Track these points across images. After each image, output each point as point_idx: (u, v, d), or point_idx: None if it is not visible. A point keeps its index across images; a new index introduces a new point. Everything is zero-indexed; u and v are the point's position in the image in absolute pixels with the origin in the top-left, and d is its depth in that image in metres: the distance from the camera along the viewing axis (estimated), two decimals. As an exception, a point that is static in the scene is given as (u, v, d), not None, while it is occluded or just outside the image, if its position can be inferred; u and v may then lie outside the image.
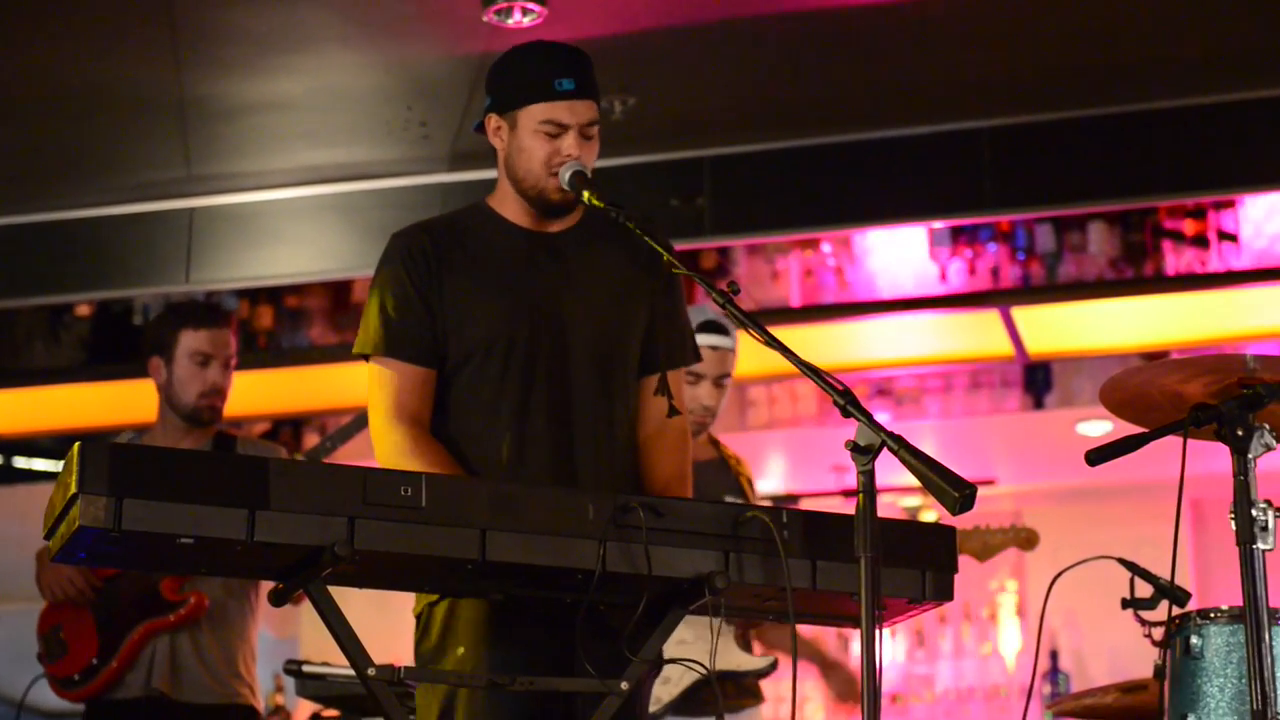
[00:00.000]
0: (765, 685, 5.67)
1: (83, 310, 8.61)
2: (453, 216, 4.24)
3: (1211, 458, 4.17)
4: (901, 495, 8.69)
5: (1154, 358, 7.46)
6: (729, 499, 5.32)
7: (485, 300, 4.07)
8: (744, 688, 5.56)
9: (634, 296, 4.18)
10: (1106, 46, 6.63)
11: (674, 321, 4.25)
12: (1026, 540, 5.94)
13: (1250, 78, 6.82)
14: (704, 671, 4.96)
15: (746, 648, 5.39)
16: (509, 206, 4.15)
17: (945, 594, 3.94)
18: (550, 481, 3.97)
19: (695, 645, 5.20)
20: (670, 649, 4.45)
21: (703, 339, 5.37)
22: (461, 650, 3.92)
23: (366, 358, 4.13)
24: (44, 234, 7.77)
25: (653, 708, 5.30)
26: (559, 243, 4.16)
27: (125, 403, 8.15)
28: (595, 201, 3.98)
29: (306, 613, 4.35)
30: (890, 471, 3.66)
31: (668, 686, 5.28)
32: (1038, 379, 8.46)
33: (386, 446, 4.02)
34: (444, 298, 4.06)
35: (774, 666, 5.44)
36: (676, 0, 6.23)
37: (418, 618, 4.04)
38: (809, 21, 6.35)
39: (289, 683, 6.71)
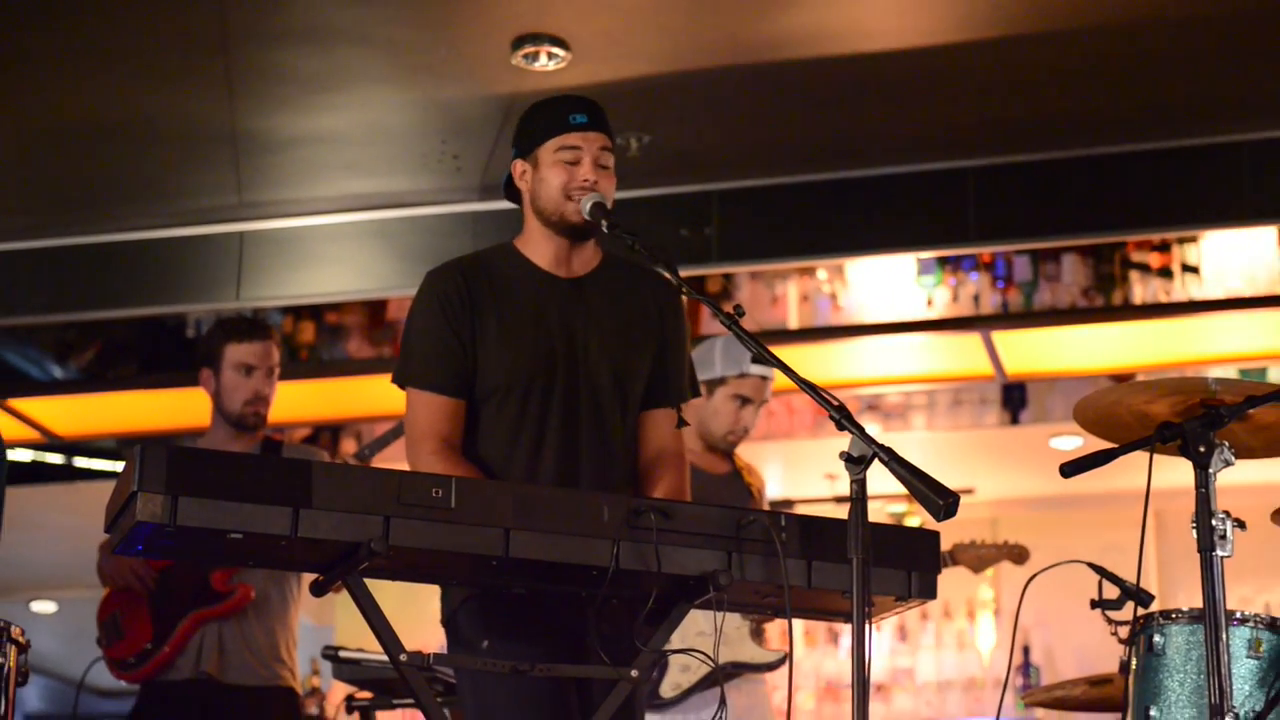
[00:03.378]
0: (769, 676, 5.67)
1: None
2: (483, 257, 4.21)
3: (1174, 471, 4.17)
4: (889, 502, 8.69)
5: (1122, 379, 7.45)
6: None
7: (507, 346, 4.06)
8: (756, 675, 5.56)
9: (645, 340, 4.19)
10: (1081, 95, 6.64)
11: (680, 362, 4.26)
12: (1018, 555, 5.94)
13: (1211, 125, 6.82)
14: (712, 663, 4.98)
15: (760, 641, 5.38)
16: (533, 249, 4.15)
17: (929, 593, 3.94)
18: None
19: (712, 638, 5.20)
20: (690, 640, 4.47)
21: (755, 370, 5.39)
22: (486, 644, 3.93)
23: (403, 384, 4.12)
24: (107, 254, 7.77)
25: (673, 693, 5.31)
26: (577, 287, 4.15)
27: (178, 409, 8.16)
28: (612, 229, 4.01)
29: (343, 602, 4.35)
30: (879, 480, 3.66)
31: (688, 674, 5.29)
32: (1015, 397, 8.46)
33: (421, 466, 4.02)
34: (473, 338, 4.07)
35: (783, 660, 5.43)
36: (689, 48, 6.25)
37: (446, 622, 4.06)
38: (808, 68, 6.36)
39: (325, 667, 6.72)
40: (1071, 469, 4.13)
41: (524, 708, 3.87)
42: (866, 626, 3.56)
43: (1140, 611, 4.56)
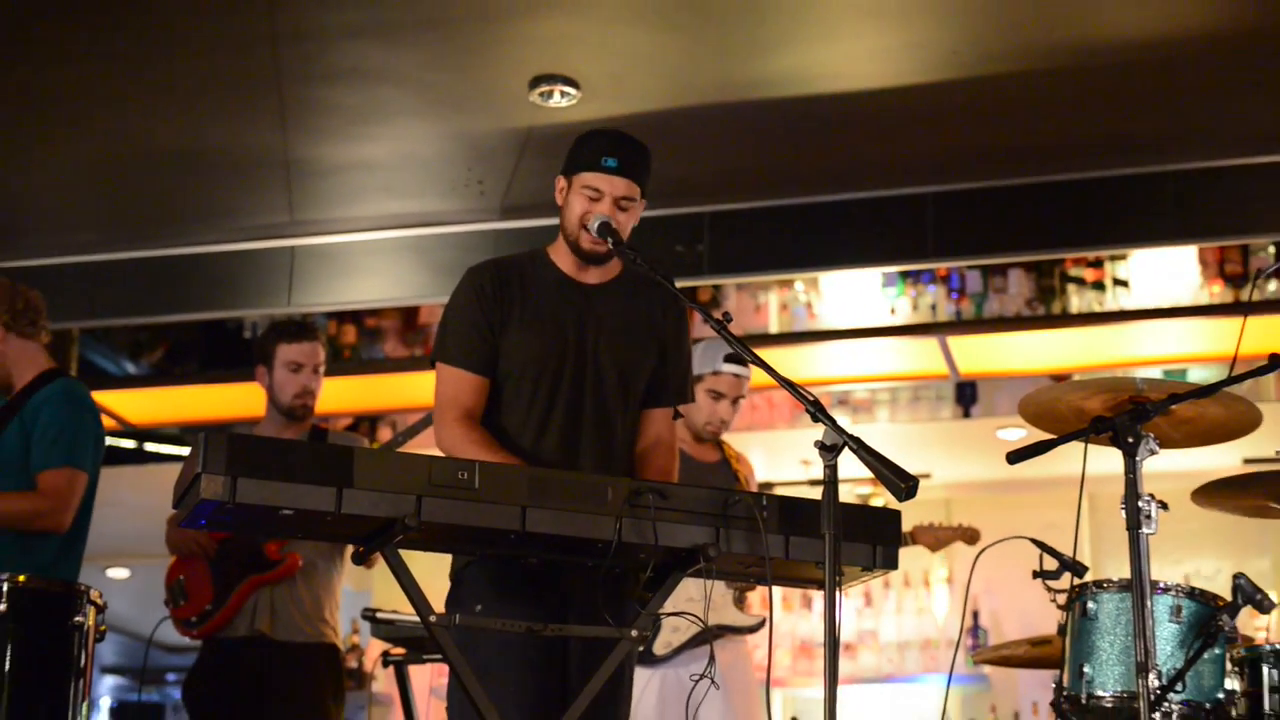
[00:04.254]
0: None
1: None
2: (517, 259, 4.23)
3: (1106, 459, 4.17)
4: (857, 485, 8.67)
5: (1061, 379, 7.45)
6: None
7: (527, 336, 4.08)
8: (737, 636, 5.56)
9: (649, 344, 4.19)
10: (1025, 130, 6.63)
11: (678, 368, 4.26)
12: (970, 536, 5.93)
13: (1139, 157, 6.82)
14: (702, 624, 4.99)
15: (742, 607, 5.38)
16: (561, 257, 4.17)
17: (891, 564, 3.94)
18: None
19: (700, 603, 5.20)
20: (681, 605, 4.47)
21: (728, 368, 5.37)
22: (480, 607, 3.92)
23: (435, 363, 4.12)
24: (174, 265, 7.78)
25: (663, 650, 5.30)
26: (594, 292, 4.16)
27: (236, 401, 8.16)
28: (616, 245, 4.02)
29: (380, 570, 4.35)
30: (849, 465, 3.65)
31: (678, 634, 5.28)
32: (966, 394, 8.45)
33: (444, 432, 4.05)
34: (499, 325, 4.08)
35: (762, 624, 5.42)
36: (685, 87, 6.25)
37: (455, 576, 4.05)
38: (788, 106, 6.36)
39: (364, 626, 6.72)
40: (1016, 457, 4.13)
41: (523, 660, 3.88)
42: (836, 593, 3.56)
43: (1076, 581, 4.56)
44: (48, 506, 4.93)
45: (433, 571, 3.85)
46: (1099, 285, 7.79)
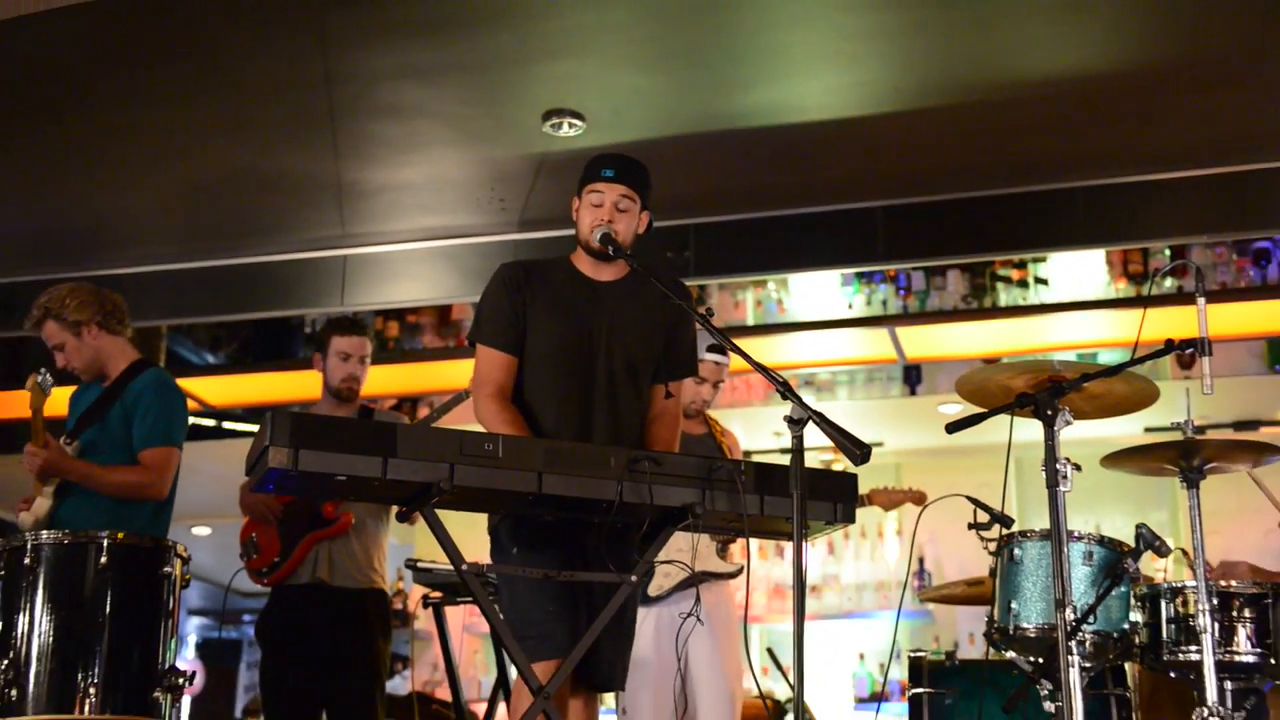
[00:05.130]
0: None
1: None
2: (542, 260, 4.26)
3: (1029, 429, 4.17)
4: (820, 453, 8.67)
5: (991, 362, 7.44)
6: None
7: (548, 323, 4.08)
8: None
9: (654, 333, 4.18)
10: (961, 153, 6.63)
11: (681, 348, 4.25)
12: (919, 498, 5.92)
13: (1055, 175, 6.82)
14: (689, 571, 5.00)
15: (724, 557, 5.38)
16: (580, 261, 4.19)
17: (849, 518, 3.94)
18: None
19: (689, 553, 5.21)
20: (672, 554, 4.47)
21: (709, 356, 5.36)
22: (515, 550, 3.93)
23: (473, 343, 4.13)
24: (245, 272, 7.77)
25: (656, 592, 5.29)
26: (605, 288, 4.16)
27: (298, 385, 8.16)
28: (616, 251, 4.05)
29: (420, 526, 4.36)
30: (813, 436, 3.65)
31: (669, 579, 5.27)
32: (912, 375, 8.42)
33: (480, 405, 4.06)
34: (526, 313, 4.09)
35: (741, 571, 5.40)
36: (675, 119, 6.24)
37: (491, 532, 4.05)
38: (762, 134, 6.36)
39: (407, 574, 6.71)
40: (954, 427, 4.13)
41: (542, 601, 3.88)
42: (804, 544, 3.57)
43: (1004, 532, 4.57)
44: (150, 479, 4.97)
45: (464, 527, 3.85)
46: (1023, 283, 7.78)
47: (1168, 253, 7.65)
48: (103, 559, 4.23)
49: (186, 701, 8.60)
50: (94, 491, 4.97)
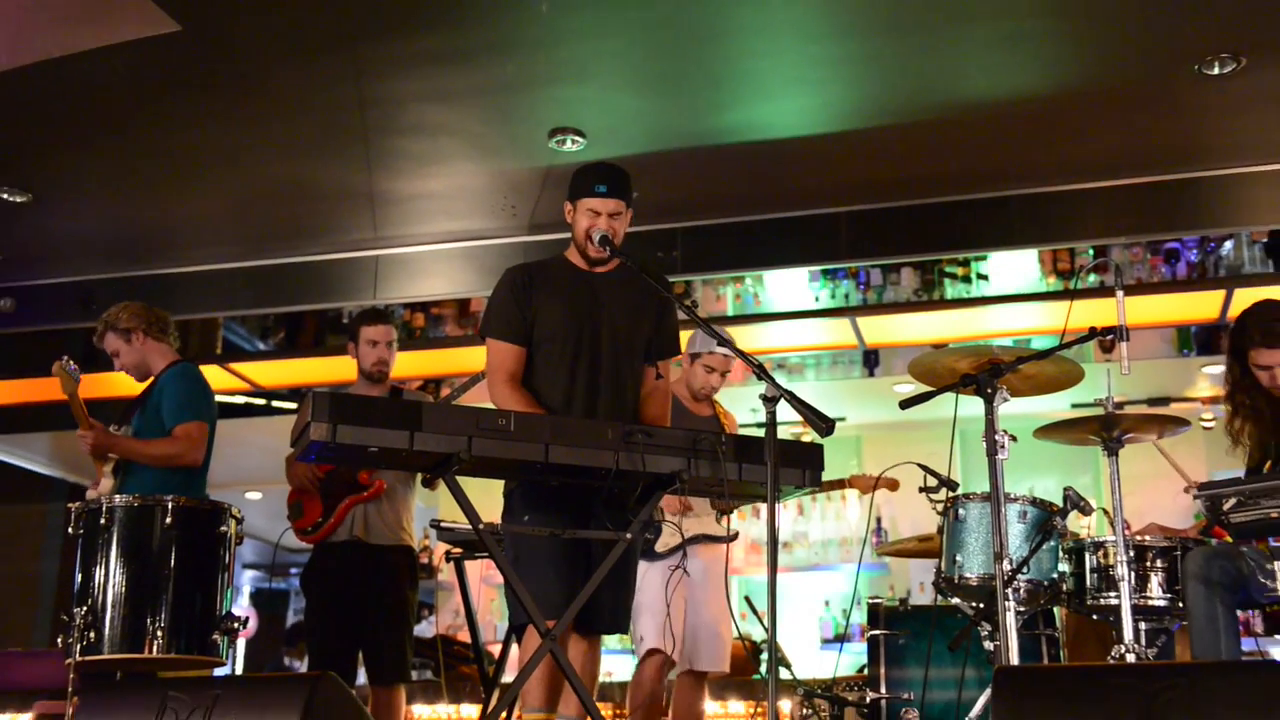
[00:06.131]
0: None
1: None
2: (544, 260, 4.26)
3: (972, 405, 4.18)
4: (791, 427, 8.68)
5: (939, 347, 7.42)
6: None
7: (552, 313, 4.08)
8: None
9: (643, 319, 4.17)
10: (912, 165, 6.61)
11: (667, 332, 4.24)
12: (892, 485, 5.89)
13: (993, 184, 6.82)
14: (684, 535, 5.00)
15: (719, 522, 5.38)
16: (573, 257, 4.18)
17: (816, 483, 3.94)
18: (583, 417, 3.98)
19: (702, 518, 5.25)
20: (690, 523, 4.43)
21: (719, 350, 5.36)
22: (527, 517, 3.93)
23: (485, 338, 4.12)
24: (290, 270, 7.75)
25: (663, 549, 5.28)
26: (600, 281, 4.16)
27: (335, 369, 8.14)
28: (612, 251, 4.04)
29: (442, 491, 4.36)
30: (785, 412, 3.65)
31: (675, 538, 5.27)
32: (871, 359, 8.41)
33: (495, 390, 4.05)
34: (531, 308, 4.08)
35: (735, 537, 5.42)
36: (664, 135, 6.22)
37: (505, 495, 4.06)
38: (739, 149, 6.34)
39: (433, 533, 6.69)
40: (907, 404, 4.14)
41: (550, 556, 3.89)
42: (777, 505, 3.57)
43: (950, 494, 4.57)
44: (181, 449, 5.05)
45: (480, 492, 3.85)
46: (966, 278, 7.76)
47: (1091, 252, 7.64)
48: (168, 519, 4.24)
49: (241, 643, 8.60)
50: (141, 466, 5.07)
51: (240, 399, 9.20)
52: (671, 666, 5.24)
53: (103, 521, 4.25)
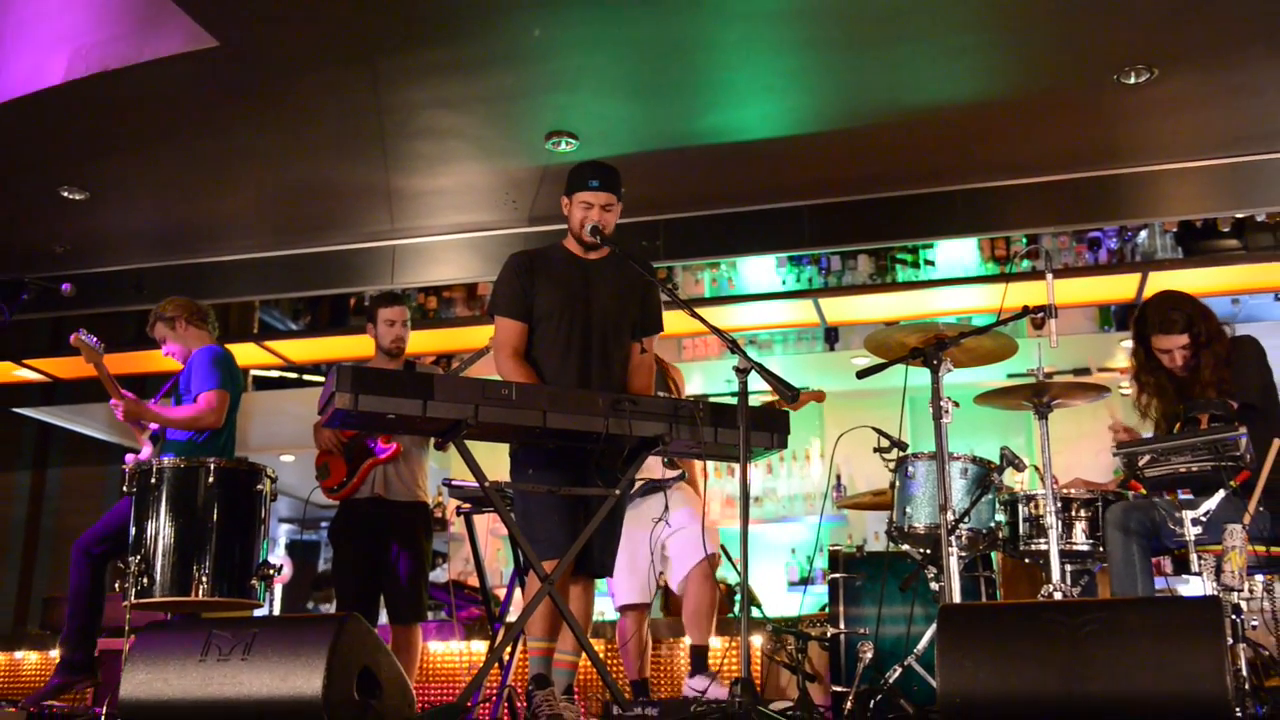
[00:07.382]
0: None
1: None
2: (543, 248, 4.24)
3: (921, 376, 4.19)
4: (761, 395, 8.67)
5: (891, 324, 7.39)
6: (663, 395, 5.26)
7: (550, 295, 4.07)
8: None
9: (630, 300, 4.17)
10: (867, 163, 6.60)
11: (651, 311, 4.23)
12: (818, 397, 5.83)
13: (939, 180, 6.81)
14: (645, 480, 4.96)
15: (669, 468, 5.31)
16: (570, 245, 4.17)
17: (783, 445, 3.97)
18: (577, 387, 3.97)
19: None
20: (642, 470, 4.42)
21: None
22: (531, 471, 3.93)
23: (493, 316, 4.11)
24: (317, 259, 7.71)
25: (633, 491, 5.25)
26: (593, 266, 4.15)
27: (356, 346, 8.12)
28: (603, 240, 4.03)
29: (453, 453, 4.37)
30: (756, 382, 3.65)
31: (635, 485, 5.21)
32: (832, 335, 8.42)
33: (501, 363, 4.04)
34: (531, 289, 4.06)
35: (681, 476, 5.34)
36: (649, 137, 6.20)
37: (511, 456, 4.05)
38: (717, 149, 6.33)
39: (445, 490, 6.70)
40: (863, 374, 4.15)
41: (548, 510, 3.89)
42: (748, 464, 3.58)
43: (900, 454, 4.59)
44: (202, 412, 5.11)
45: (487, 454, 3.85)
46: (915, 264, 7.78)
47: (1024, 240, 7.66)
48: (210, 479, 4.25)
49: (278, 589, 8.61)
50: (173, 434, 5.15)
51: (275, 373, 9.19)
52: (648, 609, 5.09)
53: (153, 481, 4.26)
